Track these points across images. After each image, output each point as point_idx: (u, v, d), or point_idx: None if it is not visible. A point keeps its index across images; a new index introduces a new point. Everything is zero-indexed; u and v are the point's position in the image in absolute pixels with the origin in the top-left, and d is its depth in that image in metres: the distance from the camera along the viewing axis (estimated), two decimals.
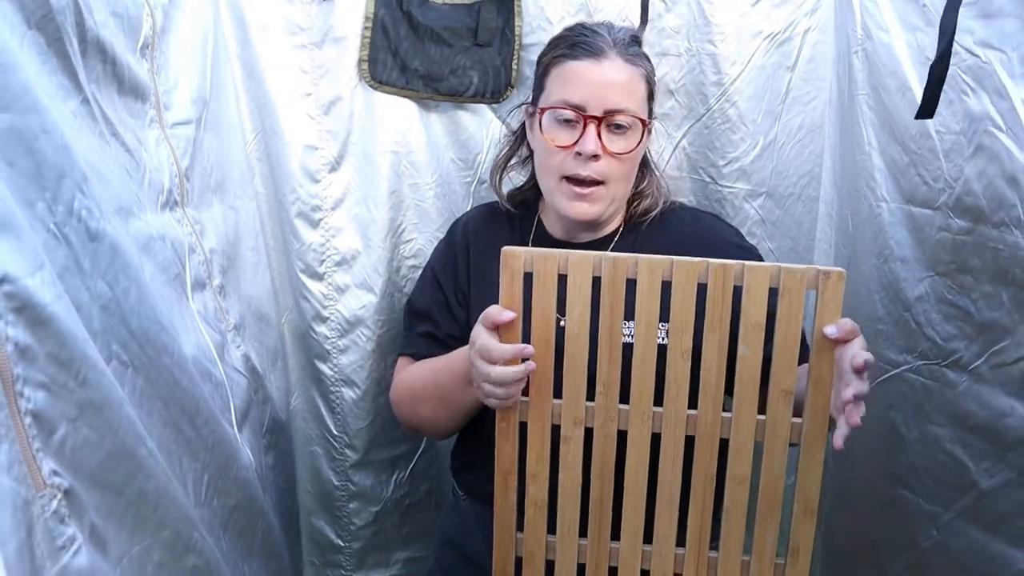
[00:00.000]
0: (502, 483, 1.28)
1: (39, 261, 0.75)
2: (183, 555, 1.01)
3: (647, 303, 1.18)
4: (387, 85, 1.68)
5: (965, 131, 1.28)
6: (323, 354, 1.78)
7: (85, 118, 0.98)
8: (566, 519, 1.28)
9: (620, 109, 1.33)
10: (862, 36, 1.53)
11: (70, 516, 0.79)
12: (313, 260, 1.73)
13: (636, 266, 1.17)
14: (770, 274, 1.15)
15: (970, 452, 1.37)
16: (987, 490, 1.34)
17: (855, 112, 1.57)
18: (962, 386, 1.37)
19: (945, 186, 1.33)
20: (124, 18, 1.09)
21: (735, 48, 1.66)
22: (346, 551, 1.93)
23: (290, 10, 1.62)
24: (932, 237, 1.39)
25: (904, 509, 1.50)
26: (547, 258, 1.18)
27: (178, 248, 1.18)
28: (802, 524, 1.21)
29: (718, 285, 1.16)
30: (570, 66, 1.36)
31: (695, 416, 1.21)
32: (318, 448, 1.86)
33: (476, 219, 1.57)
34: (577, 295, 1.19)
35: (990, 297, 1.29)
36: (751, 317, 1.16)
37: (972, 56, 1.24)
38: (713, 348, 1.18)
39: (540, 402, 1.25)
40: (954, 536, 1.41)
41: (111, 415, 0.84)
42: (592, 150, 1.32)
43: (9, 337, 0.71)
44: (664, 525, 1.25)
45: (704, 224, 1.48)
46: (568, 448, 1.26)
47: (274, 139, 1.67)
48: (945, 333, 1.39)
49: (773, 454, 1.21)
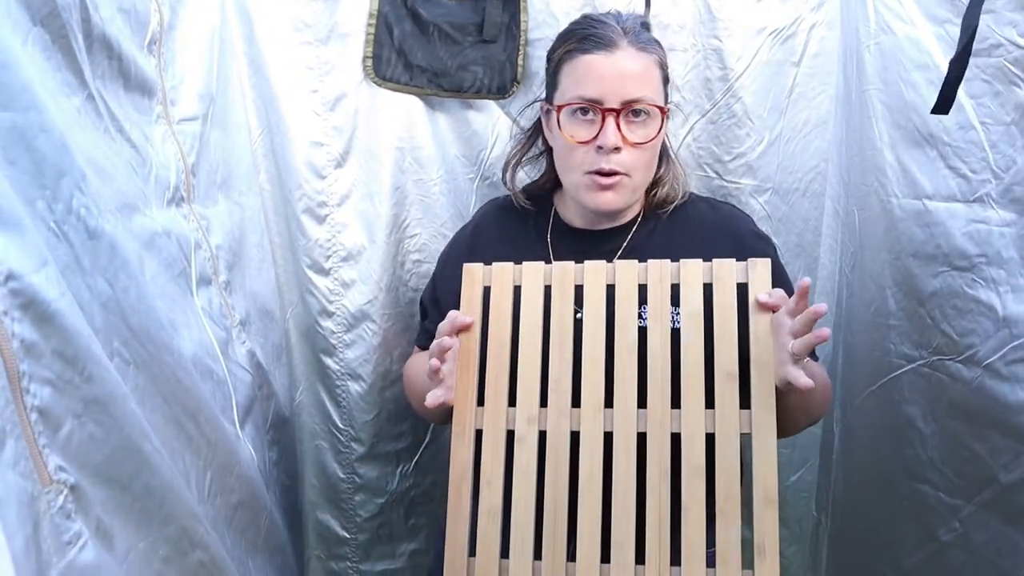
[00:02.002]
0: (456, 492, 1.27)
1: (43, 258, 0.75)
2: (189, 551, 1.02)
3: (595, 305, 1.27)
4: (392, 82, 1.68)
5: (1017, 121, 1.29)
6: (329, 348, 1.79)
7: (90, 114, 0.98)
8: (520, 534, 1.24)
9: (637, 99, 1.32)
10: (876, 30, 1.52)
11: (76, 512, 0.79)
12: (319, 255, 1.73)
13: (582, 271, 1.27)
14: (703, 268, 1.25)
15: (988, 447, 1.37)
16: (1007, 484, 1.34)
17: (865, 107, 1.57)
18: (976, 381, 1.37)
19: (990, 176, 1.34)
20: (131, 14, 1.09)
21: (741, 44, 1.66)
22: (352, 543, 1.94)
23: (295, 7, 1.62)
24: (957, 231, 1.39)
25: (923, 503, 1.50)
26: (503, 270, 1.30)
27: (183, 244, 1.19)
28: (764, 515, 1.16)
29: (656, 282, 1.26)
30: (583, 60, 1.34)
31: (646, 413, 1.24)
32: (323, 442, 1.87)
33: (485, 218, 1.57)
34: (529, 302, 1.29)
35: (1019, 290, 1.29)
36: (689, 307, 1.25)
37: (1018, 48, 1.25)
38: (656, 341, 1.25)
39: (495, 407, 1.28)
40: (976, 529, 1.42)
41: (116, 411, 0.85)
42: (613, 143, 1.31)
43: (15, 334, 0.72)
44: (622, 530, 1.21)
45: (722, 213, 1.47)
46: (522, 449, 1.26)
47: (279, 135, 1.67)
48: (961, 328, 1.40)
49: (726, 443, 1.20)
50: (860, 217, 1.64)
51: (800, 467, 1.95)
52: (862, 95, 1.58)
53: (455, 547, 1.27)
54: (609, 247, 1.41)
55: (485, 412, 1.28)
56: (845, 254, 1.75)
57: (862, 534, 1.72)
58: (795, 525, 1.98)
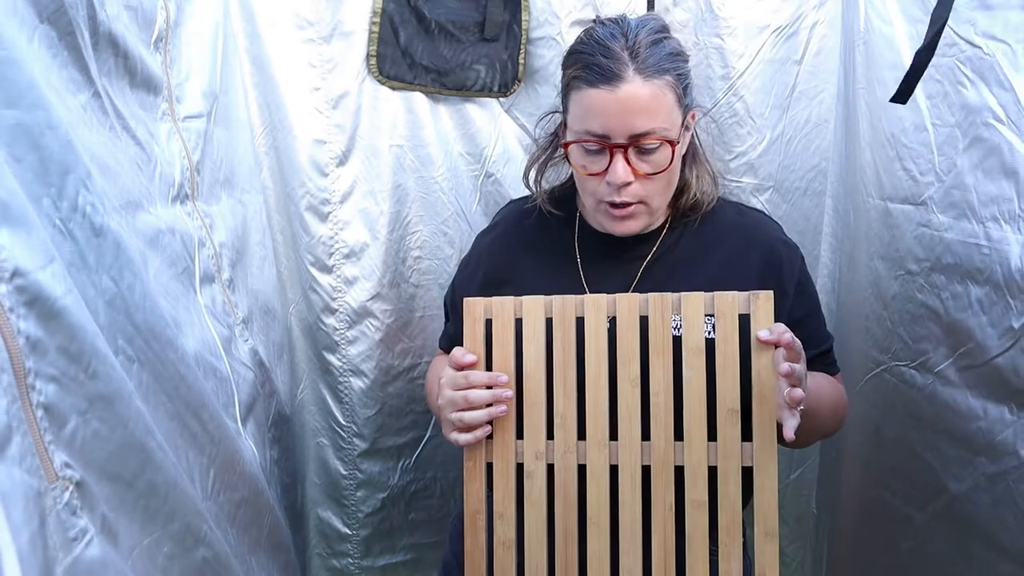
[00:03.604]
0: (471, 523, 1.30)
1: (49, 255, 0.75)
2: (193, 547, 1.02)
3: (596, 339, 1.26)
4: (395, 80, 1.68)
5: (960, 123, 1.27)
6: (331, 345, 1.79)
7: (95, 112, 0.98)
8: (533, 559, 1.28)
9: (645, 132, 1.24)
10: (864, 29, 1.52)
11: (82, 508, 0.79)
12: (322, 253, 1.74)
13: (583, 304, 1.26)
14: (704, 301, 1.22)
15: (939, 456, 1.36)
16: (957, 494, 1.33)
17: (854, 106, 1.57)
18: (928, 388, 1.36)
19: (934, 179, 1.32)
20: (138, 11, 1.09)
21: (742, 42, 1.66)
22: (354, 539, 1.95)
23: (299, 5, 1.63)
24: (909, 234, 1.37)
25: (885, 510, 1.50)
26: (503, 304, 1.29)
27: (187, 242, 1.19)
28: (765, 547, 1.19)
29: (657, 314, 1.24)
30: (588, 94, 1.25)
31: (650, 445, 1.24)
32: (324, 439, 1.88)
33: (508, 223, 1.52)
34: (532, 336, 1.28)
35: (959, 297, 1.28)
36: (691, 342, 1.22)
37: (973, 48, 1.23)
38: (659, 374, 1.23)
39: (503, 440, 1.28)
40: (929, 539, 1.40)
41: (121, 408, 0.85)
42: (622, 179, 1.26)
43: (20, 330, 0.72)
44: (629, 559, 1.25)
45: (750, 219, 1.42)
46: (532, 484, 1.28)
47: (283, 133, 1.67)
48: (915, 334, 1.39)
49: (727, 478, 1.21)
50: (854, 217, 1.64)
51: (800, 465, 1.96)
52: (854, 94, 1.58)
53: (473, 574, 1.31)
54: (637, 253, 1.38)
55: (494, 445, 1.29)
56: (843, 253, 1.75)
57: (859, 533, 1.73)
58: (795, 523, 1.99)
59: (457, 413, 1.25)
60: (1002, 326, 1.22)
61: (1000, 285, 1.22)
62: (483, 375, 1.26)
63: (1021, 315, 1.19)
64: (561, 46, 1.68)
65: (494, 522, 1.30)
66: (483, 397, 1.25)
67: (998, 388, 1.25)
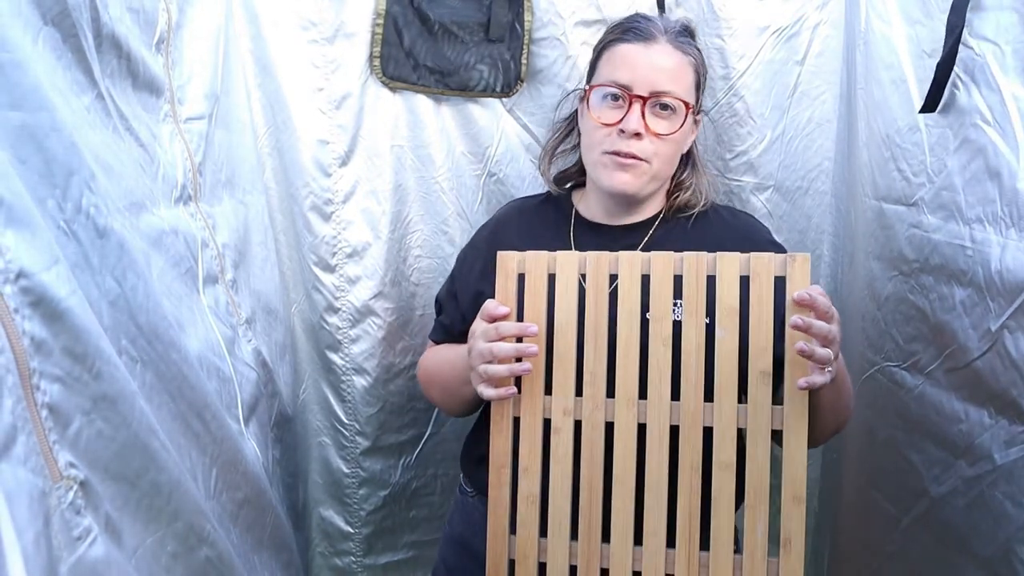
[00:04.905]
0: (496, 478, 1.31)
1: (54, 256, 0.76)
2: (196, 546, 1.03)
3: (629, 296, 1.25)
4: (398, 81, 1.68)
5: (952, 124, 1.27)
6: (334, 344, 1.80)
7: (99, 113, 0.99)
8: (557, 517, 1.29)
9: (666, 91, 1.36)
10: (865, 29, 1.52)
11: (86, 507, 0.80)
12: (325, 252, 1.74)
13: (617, 261, 1.26)
14: (740, 262, 1.22)
15: (923, 458, 1.36)
16: (936, 497, 1.33)
17: (855, 106, 1.57)
18: (918, 389, 1.36)
19: (926, 180, 1.32)
20: (140, 13, 1.10)
21: (743, 42, 1.66)
22: (356, 537, 1.95)
23: (302, 6, 1.63)
24: (901, 235, 1.38)
25: (875, 511, 1.50)
26: (538, 259, 1.28)
27: (190, 243, 1.19)
28: (792, 512, 1.20)
29: (692, 274, 1.23)
30: (621, 48, 1.39)
31: (679, 405, 1.24)
32: (327, 438, 1.88)
33: (506, 216, 1.58)
34: (564, 291, 1.27)
35: (945, 298, 1.29)
36: (725, 302, 1.22)
37: (965, 48, 1.23)
38: (691, 334, 1.24)
39: (532, 395, 1.28)
40: (911, 542, 1.40)
41: (125, 408, 0.85)
42: (635, 127, 1.34)
43: (25, 331, 0.72)
44: (653, 519, 1.25)
45: (743, 221, 1.49)
46: (559, 439, 1.28)
47: (286, 134, 1.68)
48: (906, 335, 1.39)
49: (757, 439, 1.22)
50: (853, 216, 1.64)
51: None
52: (855, 94, 1.58)
53: (496, 528, 1.32)
54: (629, 242, 1.42)
55: (522, 400, 1.29)
56: (845, 253, 1.75)
57: (856, 534, 1.73)
58: None
59: (484, 365, 1.27)
60: (982, 328, 1.22)
61: (981, 287, 1.22)
62: (513, 326, 1.26)
63: (999, 317, 1.19)
64: (564, 46, 1.68)
65: (519, 477, 1.30)
66: (508, 351, 1.25)
67: (978, 391, 1.25)
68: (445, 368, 1.50)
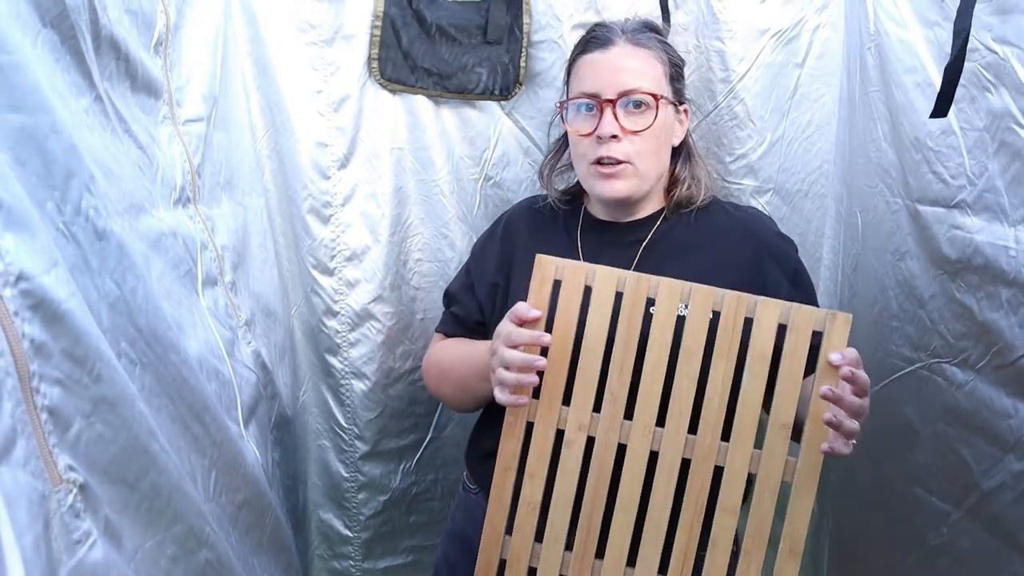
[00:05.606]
0: (500, 478, 1.30)
1: (53, 259, 0.76)
2: (196, 549, 1.02)
3: (663, 324, 1.22)
4: (397, 83, 1.68)
5: (988, 127, 1.27)
6: (333, 348, 1.79)
7: (98, 115, 0.99)
8: (555, 526, 1.28)
9: (632, 89, 1.37)
10: (875, 32, 1.52)
11: (85, 510, 0.79)
12: (324, 255, 1.74)
13: (657, 286, 1.22)
14: (781, 310, 1.19)
15: (973, 452, 1.37)
16: (987, 491, 1.34)
17: (868, 109, 1.57)
18: (968, 385, 1.37)
19: (967, 183, 1.33)
20: (138, 15, 1.10)
21: (743, 45, 1.66)
22: (355, 542, 1.95)
23: (301, 8, 1.63)
24: (941, 236, 1.39)
25: (917, 506, 1.50)
26: (576, 269, 1.25)
27: (190, 245, 1.19)
28: (786, 564, 1.20)
29: (731, 314, 1.20)
30: (583, 60, 1.43)
31: (695, 440, 1.23)
32: (326, 442, 1.88)
33: (518, 213, 1.59)
34: (598, 307, 1.24)
35: (993, 297, 1.29)
36: (758, 348, 1.20)
37: (991, 53, 1.23)
38: (719, 374, 1.21)
39: (549, 404, 1.27)
40: (962, 535, 1.41)
41: (124, 411, 0.85)
42: (610, 131, 1.36)
43: (25, 334, 0.72)
44: (649, 548, 1.24)
45: (746, 214, 1.50)
46: (569, 452, 1.27)
47: (285, 136, 1.68)
48: (955, 332, 1.39)
49: (765, 488, 1.21)
50: (863, 219, 1.64)
51: None
52: (865, 97, 1.58)
53: (493, 527, 1.31)
54: (635, 237, 1.44)
55: (539, 406, 1.28)
56: (847, 255, 1.75)
57: (863, 535, 1.72)
58: None
59: (500, 370, 1.25)
60: None
61: None
62: (525, 333, 1.23)
63: None
64: (562, 49, 1.68)
65: (523, 481, 1.29)
66: (516, 359, 1.23)
67: None
68: (459, 364, 1.49)
